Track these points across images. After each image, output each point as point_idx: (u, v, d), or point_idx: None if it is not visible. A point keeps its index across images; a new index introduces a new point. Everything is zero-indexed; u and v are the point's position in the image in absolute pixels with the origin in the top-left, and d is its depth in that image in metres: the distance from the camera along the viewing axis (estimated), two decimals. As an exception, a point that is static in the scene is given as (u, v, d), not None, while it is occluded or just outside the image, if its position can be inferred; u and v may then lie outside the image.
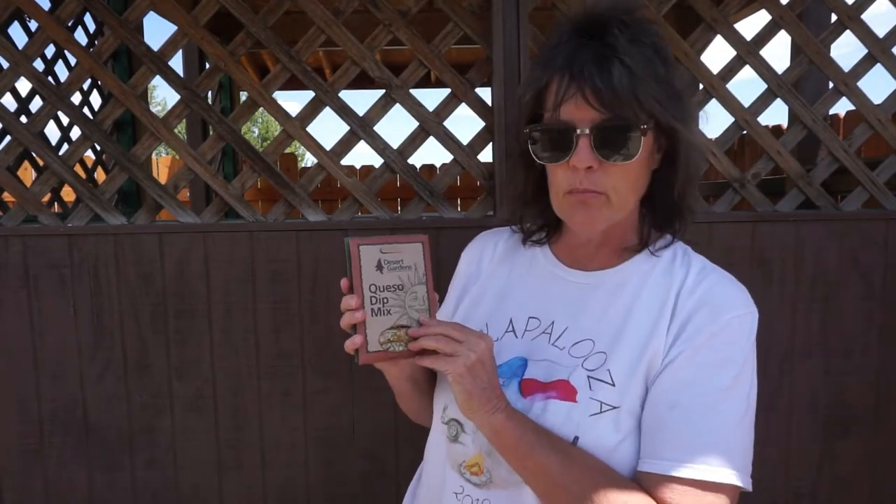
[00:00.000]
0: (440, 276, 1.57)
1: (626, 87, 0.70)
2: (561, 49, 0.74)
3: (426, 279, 0.73)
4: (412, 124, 1.62)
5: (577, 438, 0.74)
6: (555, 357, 0.80)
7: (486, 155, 1.68)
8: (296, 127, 1.58)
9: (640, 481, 0.73)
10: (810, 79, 2.17)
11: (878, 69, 1.63)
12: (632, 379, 0.76)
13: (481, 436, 0.78)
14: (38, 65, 1.64)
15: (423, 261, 0.73)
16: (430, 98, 1.77)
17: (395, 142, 1.62)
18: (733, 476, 0.70)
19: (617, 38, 0.71)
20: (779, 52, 2.11)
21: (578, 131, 0.72)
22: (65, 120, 2.20)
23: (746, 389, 0.74)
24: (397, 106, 1.60)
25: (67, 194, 2.31)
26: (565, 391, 0.77)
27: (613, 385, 0.76)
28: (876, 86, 1.66)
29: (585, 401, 0.76)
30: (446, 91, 1.60)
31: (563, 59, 0.73)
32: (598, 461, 0.74)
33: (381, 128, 1.59)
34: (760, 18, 1.94)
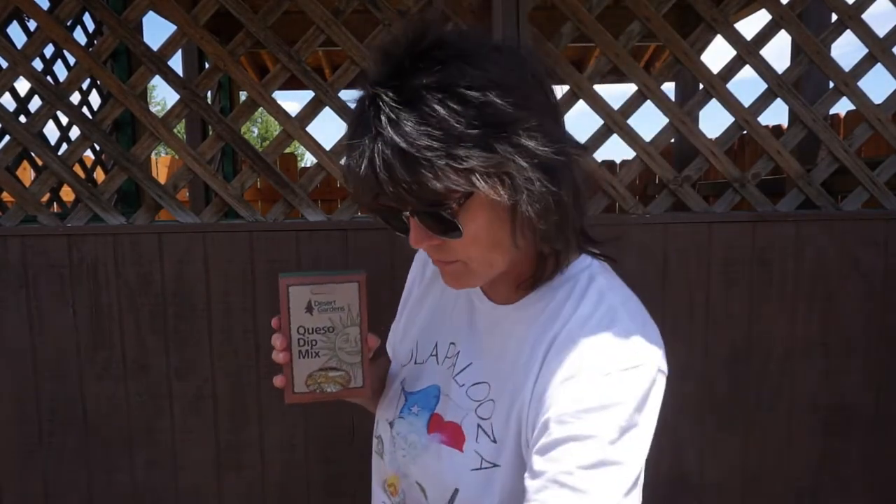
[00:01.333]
0: (440, 276, 1.57)
1: (404, 180, 0.58)
2: (348, 145, 0.63)
3: (360, 320, 0.70)
4: (412, 124, 1.61)
5: (456, 491, 0.70)
6: (455, 395, 0.75)
7: (486, 155, 1.67)
8: (295, 127, 1.58)
9: None
10: (810, 79, 2.17)
11: (879, 69, 1.63)
12: (507, 434, 0.69)
13: (398, 456, 0.77)
14: (37, 64, 1.64)
15: (358, 301, 0.69)
16: (430, 98, 1.76)
17: (394, 142, 1.61)
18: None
19: (382, 114, 0.59)
20: (779, 52, 2.11)
21: (405, 213, 0.64)
22: (64, 120, 2.19)
23: (629, 462, 0.61)
24: (397, 106, 1.60)
25: (67, 194, 2.31)
26: (455, 437, 0.72)
27: (494, 441, 0.69)
28: (876, 86, 1.66)
29: (470, 452, 0.71)
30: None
31: (348, 164, 0.63)
32: None
33: (380, 128, 1.59)
34: (760, 18, 1.94)
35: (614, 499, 0.60)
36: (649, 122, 1.78)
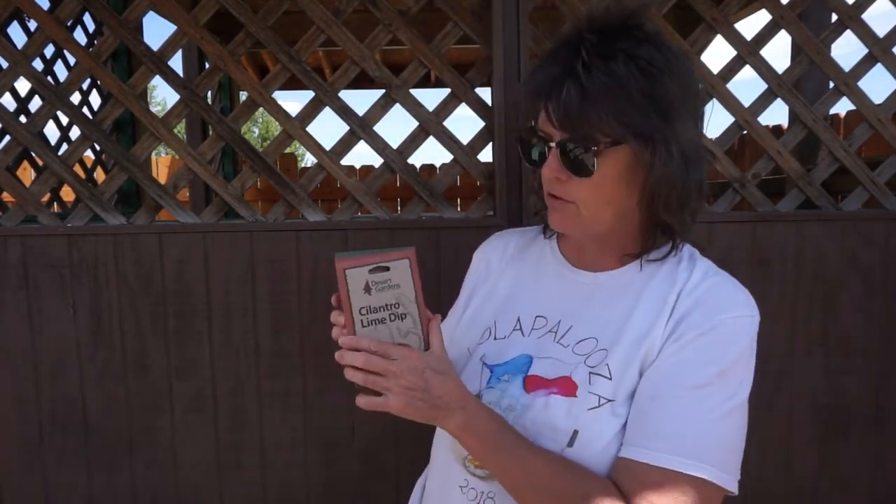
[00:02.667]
0: (440, 275, 1.57)
1: (576, 110, 0.72)
2: (539, 63, 0.78)
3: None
4: (412, 124, 1.62)
5: (576, 432, 0.76)
6: (559, 355, 0.82)
7: (486, 155, 1.67)
8: (296, 127, 1.58)
9: (613, 468, 0.75)
10: (810, 79, 2.17)
11: (879, 69, 1.63)
12: (627, 373, 0.77)
13: None
14: (38, 64, 1.64)
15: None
16: (430, 98, 1.77)
17: (395, 142, 1.62)
18: (703, 470, 0.71)
19: (581, 55, 0.72)
20: (779, 52, 2.11)
21: (551, 144, 0.77)
22: (64, 120, 2.19)
23: (733, 390, 0.74)
24: (397, 106, 1.60)
25: (67, 194, 2.31)
26: (566, 387, 0.79)
27: (610, 379, 0.77)
28: (876, 86, 1.66)
29: (584, 395, 0.78)
30: (446, 91, 1.60)
31: (531, 74, 0.79)
32: (562, 459, 0.75)
33: (380, 128, 1.59)
34: (760, 18, 1.94)
35: (717, 413, 0.73)
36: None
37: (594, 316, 0.83)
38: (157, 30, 28.89)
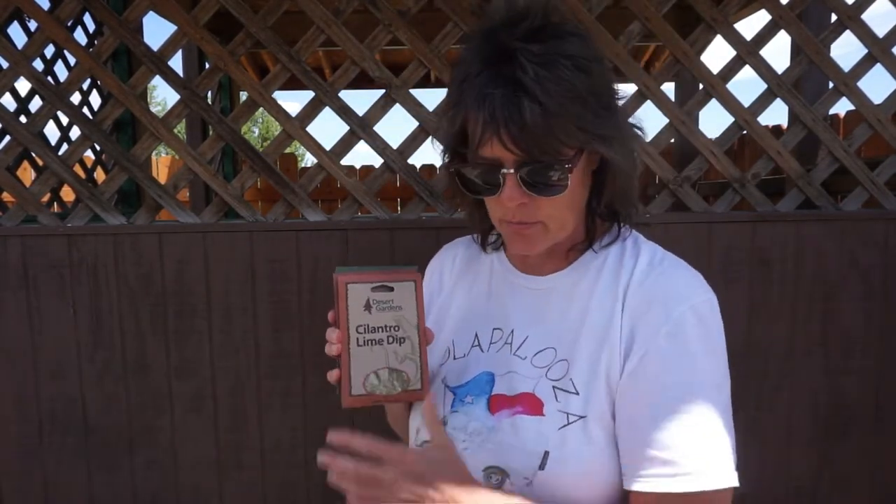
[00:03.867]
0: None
1: (541, 127, 0.65)
2: (470, 84, 0.68)
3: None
4: (412, 124, 1.62)
5: (547, 454, 0.72)
6: (518, 368, 0.78)
7: (486, 155, 1.67)
8: (296, 127, 1.58)
9: (630, 501, 0.70)
10: (810, 79, 2.17)
11: (878, 69, 1.63)
12: (594, 386, 0.72)
13: (458, 451, 0.77)
14: (38, 65, 1.64)
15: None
16: (430, 98, 1.77)
17: (395, 142, 1.62)
18: (718, 480, 0.68)
19: (525, 69, 0.65)
20: (779, 52, 2.11)
21: (504, 170, 0.69)
22: (64, 120, 2.20)
23: (715, 384, 0.71)
24: (397, 106, 1.60)
25: (67, 194, 2.31)
26: (531, 405, 0.74)
27: (578, 394, 0.73)
28: (876, 86, 1.66)
29: (553, 413, 0.73)
30: (446, 91, 1.60)
31: (473, 98, 0.68)
32: None
33: (381, 128, 1.59)
34: (760, 18, 1.94)
35: (709, 412, 0.68)
36: (649, 122, 1.78)
37: (549, 324, 0.78)
38: (157, 30, 28.89)
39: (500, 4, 0.71)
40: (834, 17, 1.60)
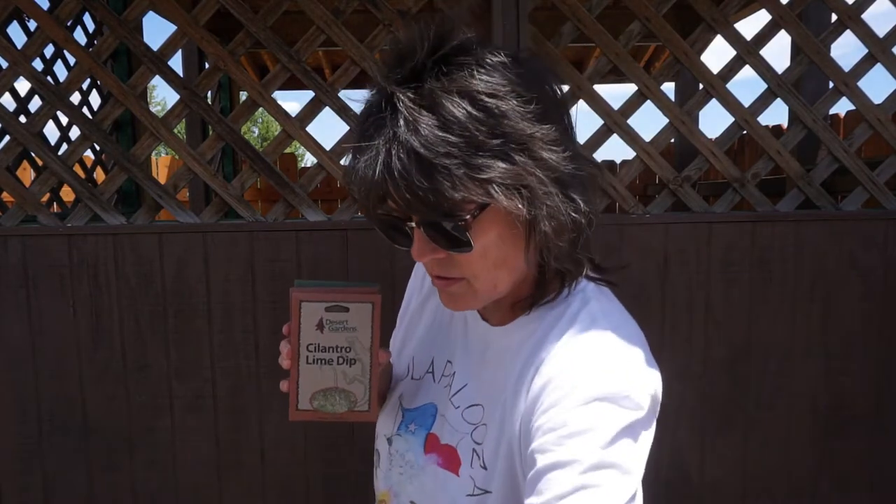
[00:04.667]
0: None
1: (420, 186, 0.55)
2: (359, 138, 0.61)
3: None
4: (412, 124, 1.61)
5: None
6: (451, 417, 0.73)
7: (485, 155, 1.67)
8: (296, 127, 1.58)
9: None
10: (810, 79, 2.17)
11: (879, 69, 1.63)
12: (497, 462, 0.67)
13: (394, 474, 0.77)
14: (38, 64, 1.64)
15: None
16: (430, 98, 1.77)
17: (394, 142, 1.61)
18: None
19: (398, 116, 0.57)
20: (779, 52, 2.11)
21: (410, 224, 0.62)
22: (64, 120, 2.20)
23: (603, 487, 0.57)
24: (397, 106, 1.60)
25: (67, 194, 2.31)
26: (451, 460, 0.71)
27: (485, 468, 0.68)
28: (876, 86, 1.66)
29: (465, 477, 0.69)
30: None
31: (357, 159, 0.60)
32: None
33: (380, 128, 1.59)
34: (760, 18, 1.94)
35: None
36: (649, 122, 1.78)
37: (484, 379, 0.72)
38: (157, 30, 28.89)
39: (398, 39, 0.62)
40: (834, 17, 1.60)
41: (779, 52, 2.11)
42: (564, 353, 0.64)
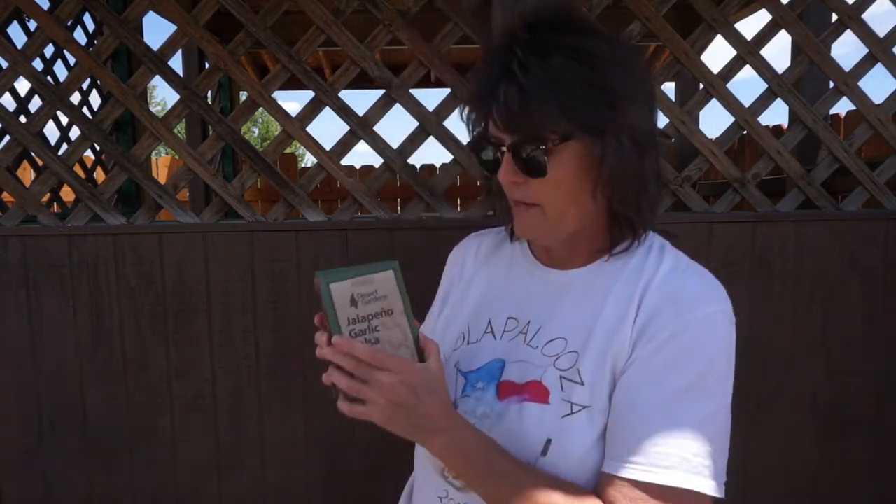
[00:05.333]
0: (440, 275, 1.56)
1: (518, 111, 0.70)
2: (478, 69, 0.76)
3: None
4: (412, 124, 1.62)
5: (549, 441, 0.74)
6: (529, 357, 0.80)
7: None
8: (296, 127, 1.58)
9: (598, 483, 0.73)
10: (811, 79, 2.17)
11: (879, 69, 1.63)
12: (600, 376, 0.74)
13: None
14: (38, 64, 1.64)
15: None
16: (430, 98, 1.77)
17: (395, 142, 1.62)
18: (687, 480, 0.68)
19: (515, 53, 0.71)
20: (779, 52, 2.11)
21: (503, 148, 0.75)
22: (64, 120, 2.20)
23: (712, 390, 0.71)
24: (397, 106, 1.60)
25: (67, 194, 2.31)
26: (538, 392, 0.76)
27: (583, 385, 0.75)
28: (876, 86, 1.66)
29: (557, 402, 0.75)
30: (446, 91, 1.60)
31: (474, 82, 0.76)
32: (555, 479, 0.72)
33: (381, 128, 1.59)
34: (760, 18, 1.94)
35: (698, 417, 0.69)
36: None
37: (564, 316, 0.81)
38: (157, 30, 28.90)
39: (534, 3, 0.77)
40: (834, 17, 1.60)
41: (779, 52, 2.11)
42: (670, 273, 0.77)
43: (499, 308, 0.87)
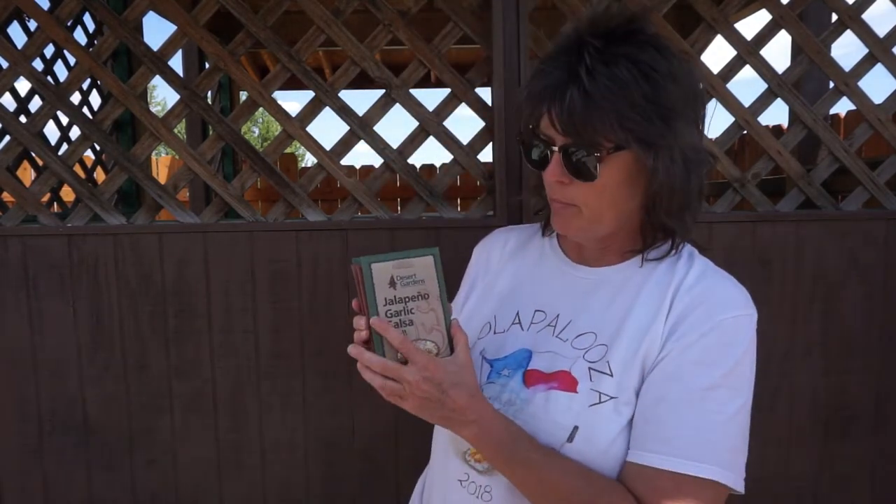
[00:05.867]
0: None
1: (580, 115, 0.72)
2: (550, 62, 0.77)
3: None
4: (412, 124, 1.62)
5: (576, 428, 0.76)
6: (558, 349, 0.82)
7: (486, 155, 1.68)
8: (296, 127, 1.58)
9: (624, 473, 0.75)
10: (811, 79, 2.17)
11: (879, 69, 1.63)
12: (629, 371, 0.77)
13: None
14: (38, 64, 1.64)
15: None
16: (430, 98, 1.77)
17: (395, 142, 1.62)
18: (714, 472, 0.71)
19: (583, 59, 0.72)
20: (779, 52, 2.11)
21: (553, 148, 0.76)
22: (64, 120, 2.19)
23: (738, 390, 0.74)
24: (397, 106, 1.60)
25: (67, 194, 2.31)
26: (566, 382, 0.79)
27: (612, 376, 0.77)
28: (876, 86, 1.66)
29: (586, 391, 0.77)
30: (446, 91, 1.60)
31: (538, 79, 0.77)
32: (579, 467, 0.75)
33: (381, 128, 1.59)
34: (760, 18, 1.94)
35: (724, 415, 0.72)
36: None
37: (594, 311, 0.83)
38: (157, 30, 28.88)
39: (600, 7, 0.78)
40: (834, 17, 1.60)
41: (779, 52, 2.11)
42: (700, 276, 0.80)
43: (527, 301, 0.90)
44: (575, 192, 0.77)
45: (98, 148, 2.43)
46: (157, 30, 28.47)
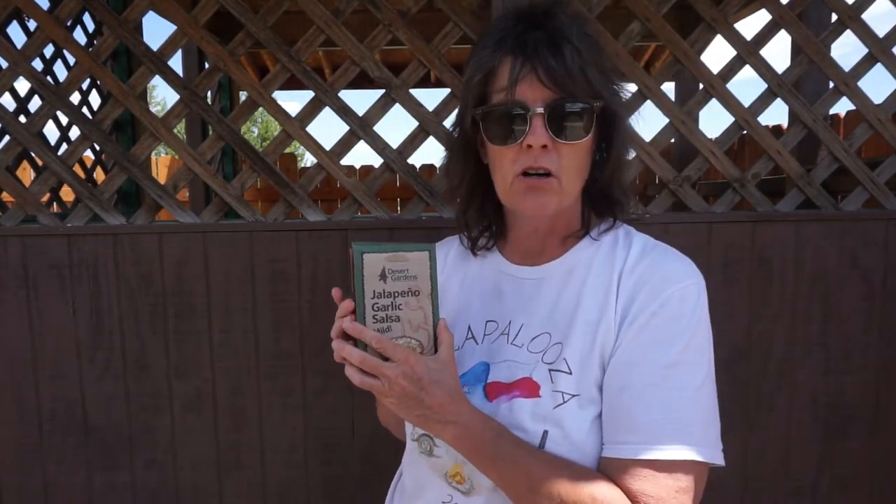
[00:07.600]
0: (440, 276, 1.56)
1: (577, 67, 0.73)
2: (509, 32, 0.76)
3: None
4: (412, 124, 1.62)
5: (546, 432, 0.75)
6: (515, 356, 0.81)
7: (485, 155, 1.67)
8: (295, 127, 1.58)
9: (601, 468, 0.75)
10: (810, 79, 2.17)
11: (879, 69, 1.63)
12: (588, 366, 0.76)
13: None
14: (37, 64, 1.64)
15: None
16: (430, 98, 1.77)
17: (395, 142, 1.62)
18: (687, 452, 0.70)
19: (564, 23, 0.75)
20: (779, 52, 2.11)
21: (532, 111, 0.74)
22: (64, 120, 2.20)
23: (698, 361, 0.74)
24: (397, 106, 1.60)
25: (66, 194, 2.31)
26: (528, 388, 0.78)
27: (570, 373, 0.76)
28: (876, 86, 1.66)
29: (548, 394, 0.77)
30: (446, 91, 1.60)
31: (513, 41, 0.75)
32: (562, 461, 0.74)
33: (380, 128, 1.60)
34: (760, 18, 1.94)
35: (689, 390, 0.72)
36: (649, 122, 1.78)
37: (543, 311, 0.82)
38: (157, 30, 28.86)
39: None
40: (834, 17, 1.60)
41: (779, 52, 2.11)
42: (641, 255, 0.79)
43: (476, 313, 0.88)
44: (556, 158, 0.76)
45: (98, 148, 2.43)
46: (157, 30, 28.45)
